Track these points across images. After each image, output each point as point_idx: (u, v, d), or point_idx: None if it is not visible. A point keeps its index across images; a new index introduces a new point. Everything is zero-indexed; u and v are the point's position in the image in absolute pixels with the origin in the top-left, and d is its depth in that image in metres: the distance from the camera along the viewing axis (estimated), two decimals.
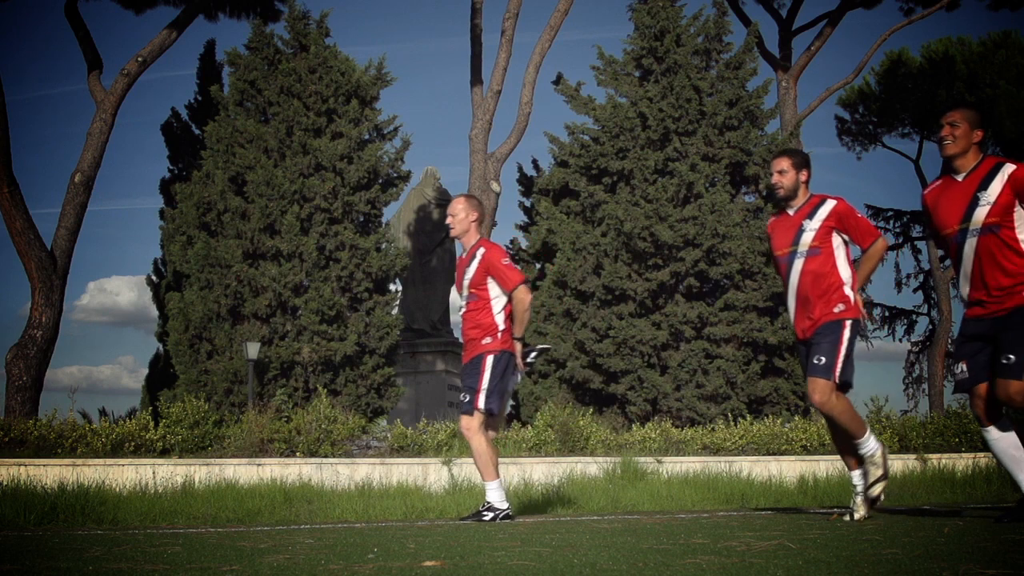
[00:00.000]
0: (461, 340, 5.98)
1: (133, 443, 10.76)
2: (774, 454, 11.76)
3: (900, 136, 28.34)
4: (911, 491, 9.11)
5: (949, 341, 26.62)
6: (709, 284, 16.98)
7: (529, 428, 11.94)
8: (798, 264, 5.15)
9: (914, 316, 30.49)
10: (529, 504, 7.60)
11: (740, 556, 2.72)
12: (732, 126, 17.57)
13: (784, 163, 5.26)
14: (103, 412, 18.93)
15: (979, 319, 4.55)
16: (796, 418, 13.41)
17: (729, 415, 14.13)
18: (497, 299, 5.83)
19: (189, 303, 16.94)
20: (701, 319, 16.50)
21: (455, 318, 47.02)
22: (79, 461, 9.98)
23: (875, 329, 30.41)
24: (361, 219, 17.80)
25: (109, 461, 10.06)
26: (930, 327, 29.28)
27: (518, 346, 5.85)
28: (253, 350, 15.85)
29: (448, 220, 6.00)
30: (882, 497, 5.10)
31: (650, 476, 9.38)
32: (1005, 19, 36.47)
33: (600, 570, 2.40)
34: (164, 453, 10.78)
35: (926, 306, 29.93)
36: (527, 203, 19.90)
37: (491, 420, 5.88)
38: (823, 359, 4.97)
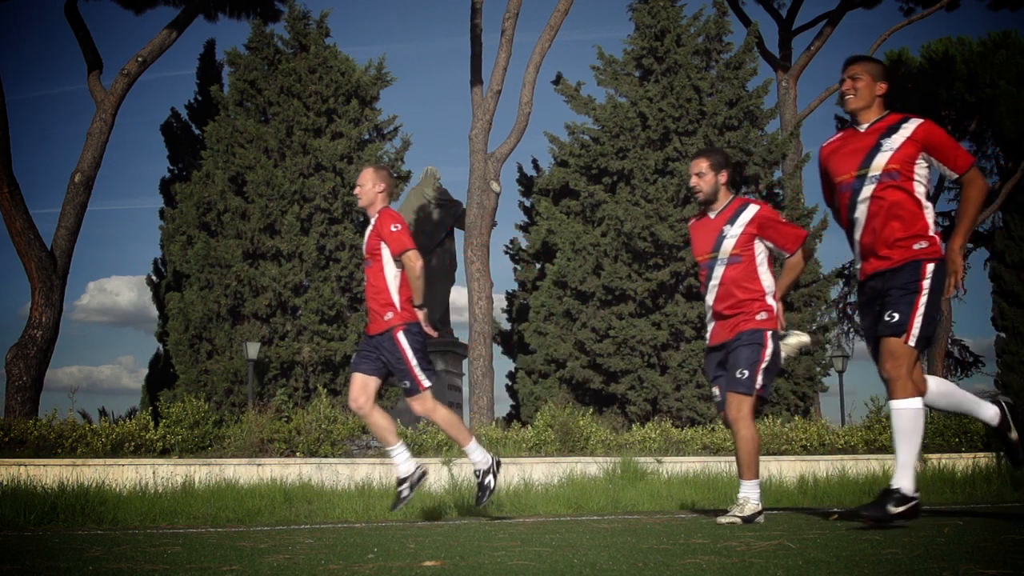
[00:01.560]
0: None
1: (133, 443, 10.75)
2: (774, 454, 11.76)
3: None
4: None
5: (949, 341, 26.64)
6: None
7: (529, 428, 11.94)
8: (718, 271, 4.97)
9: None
10: (529, 504, 7.59)
11: (740, 556, 2.72)
12: (732, 126, 17.58)
13: (702, 164, 5.06)
14: (103, 412, 18.93)
15: (872, 276, 4.27)
16: (796, 418, 13.41)
17: None
18: (390, 267, 5.66)
19: (189, 303, 16.94)
20: (701, 319, 16.48)
21: (455, 318, 46.81)
22: (79, 461, 9.98)
23: None
24: (361, 219, 17.80)
25: (109, 461, 10.05)
26: None
27: (420, 314, 5.69)
28: (253, 350, 15.85)
29: (356, 191, 5.86)
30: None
31: (650, 476, 9.38)
32: (1005, 19, 36.52)
33: (600, 570, 2.40)
34: (164, 453, 10.78)
35: None
36: (527, 203, 19.90)
37: (375, 386, 5.78)
38: (745, 372, 4.82)
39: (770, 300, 4.92)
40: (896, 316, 4.03)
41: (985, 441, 12.22)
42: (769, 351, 4.84)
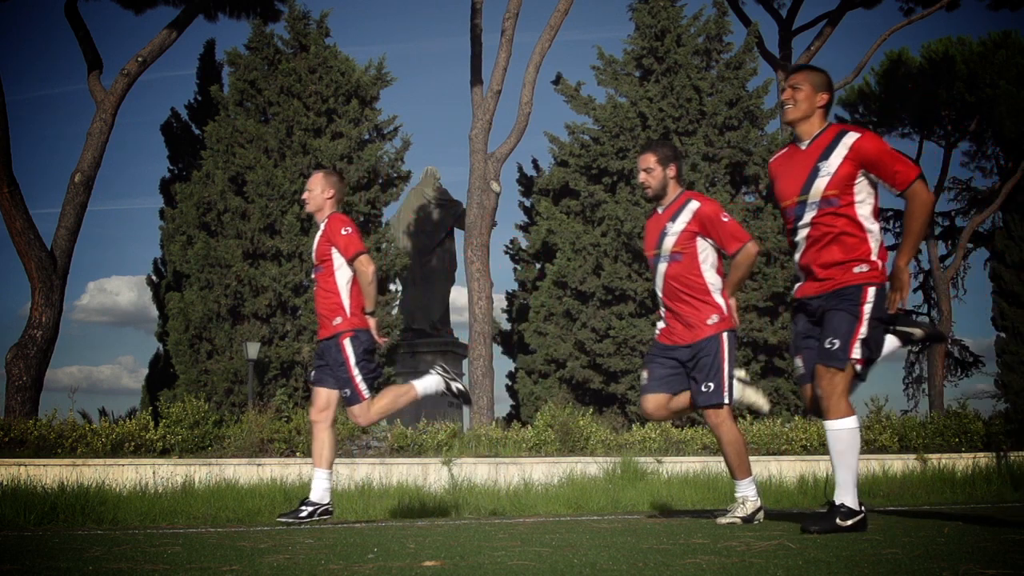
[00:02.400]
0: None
1: (133, 443, 10.75)
2: (774, 454, 11.76)
3: (900, 136, 28.34)
4: (911, 491, 9.11)
5: (949, 341, 26.62)
6: None
7: (529, 428, 11.94)
8: (661, 268, 4.87)
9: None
10: (529, 504, 7.59)
11: (740, 556, 2.72)
12: (732, 126, 17.58)
13: (650, 159, 4.90)
14: (103, 412, 18.92)
15: (810, 299, 4.09)
16: (796, 418, 13.41)
17: None
18: (341, 271, 5.53)
19: (189, 303, 16.94)
20: None
21: (455, 318, 46.95)
22: (79, 461, 9.98)
23: None
24: (361, 219, 17.79)
25: (109, 461, 10.06)
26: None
27: (371, 321, 5.57)
28: (253, 350, 15.85)
29: (304, 195, 5.75)
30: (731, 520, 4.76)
31: (650, 476, 9.38)
32: (1005, 19, 36.54)
33: (600, 570, 2.40)
34: (164, 453, 10.78)
35: (926, 306, 29.91)
36: (527, 203, 19.90)
37: (328, 398, 5.61)
38: (711, 385, 4.73)
39: (717, 298, 4.79)
40: (836, 343, 3.90)
41: (985, 441, 12.23)
42: (727, 355, 4.74)
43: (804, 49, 23.15)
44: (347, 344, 5.47)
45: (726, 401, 4.73)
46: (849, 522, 3.81)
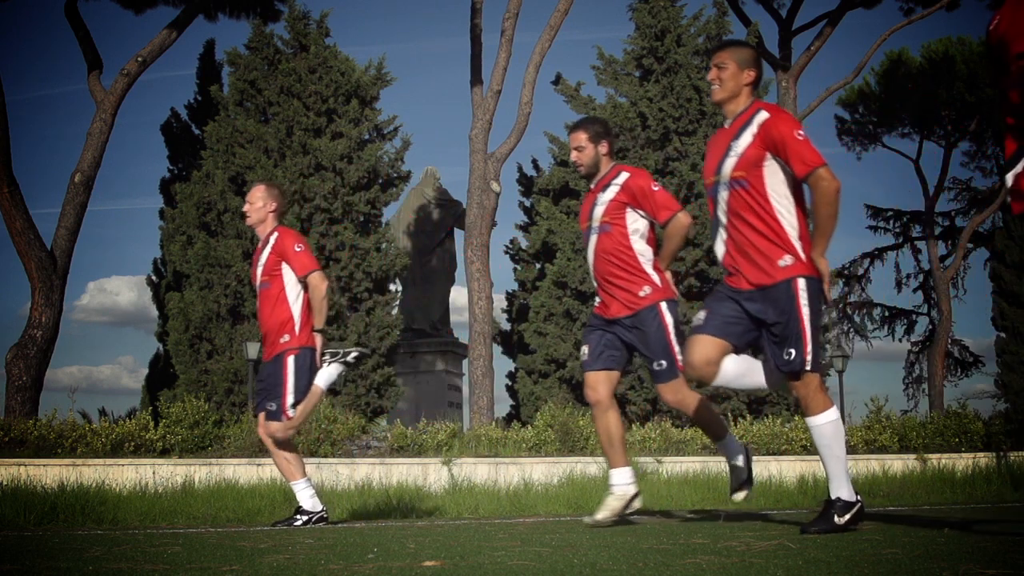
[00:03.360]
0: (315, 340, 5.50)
1: (133, 443, 10.76)
2: (774, 454, 11.76)
3: (900, 136, 28.36)
4: (911, 491, 9.12)
5: (949, 341, 26.62)
6: (709, 284, 16.97)
7: (529, 428, 11.94)
8: (592, 240, 4.74)
9: (914, 316, 30.50)
10: (529, 504, 7.60)
11: (740, 556, 2.72)
12: None
13: (581, 137, 4.80)
14: (103, 412, 18.93)
15: (736, 289, 3.88)
16: (796, 418, 13.41)
17: (729, 415, 14.13)
18: (291, 288, 5.47)
19: (189, 303, 16.94)
20: None
21: (455, 318, 46.87)
22: (79, 461, 9.98)
23: (875, 329, 30.40)
24: (361, 219, 17.80)
25: (109, 461, 10.06)
26: (930, 327, 29.28)
27: (318, 339, 5.49)
28: (253, 350, 15.84)
29: (245, 208, 5.67)
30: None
31: (650, 476, 9.38)
32: None
33: (600, 570, 2.40)
34: (164, 453, 10.78)
35: (926, 306, 29.93)
36: (527, 203, 19.90)
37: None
38: (664, 363, 4.58)
39: (649, 269, 4.65)
40: (792, 353, 3.75)
41: (985, 441, 12.23)
42: (669, 326, 4.59)
43: (804, 49, 23.15)
44: (291, 361, 5.40)
45: (679, 375, 4.58)
46: (847, 516, 3.77)
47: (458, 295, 34.16)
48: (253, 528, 5.40)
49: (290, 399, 5.39)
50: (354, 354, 5.70)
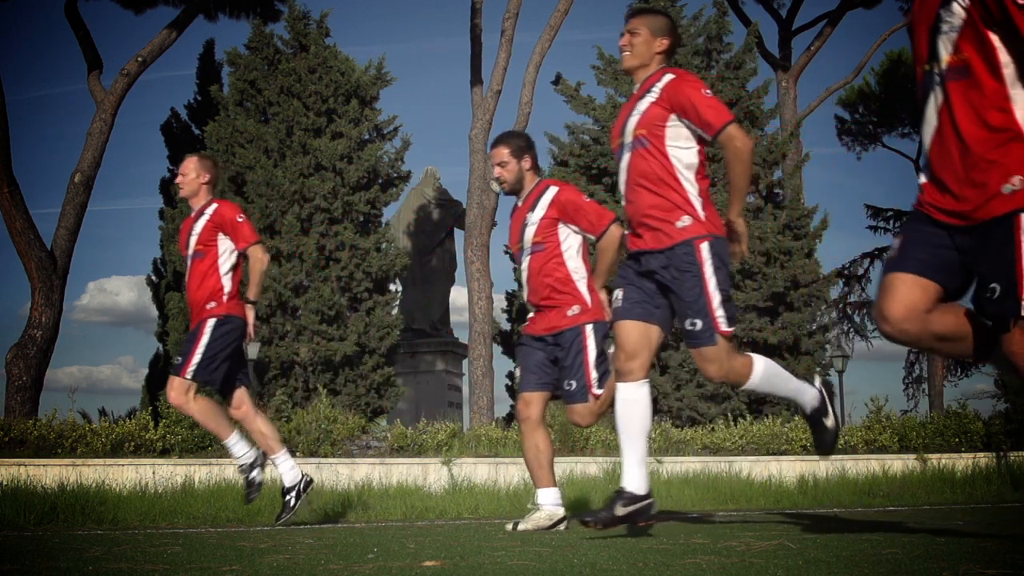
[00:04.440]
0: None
1: (133, 443, 10.75)
2: (774, 454, 11.76)
3: (900, 136, 28.36)
4: (911, 491, 9.11)
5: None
6: None
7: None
8: (525, 263, 4.62)
9: None
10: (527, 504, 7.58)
11: (740, 556, 2.72)
12: None
13: (503, 152, 4.67)
14: (103, 412, 18.93)
15: (641, 252, 3.73)
16: (796, 418, 13.41)
17: (729, 415, 14.13)
18: (225, 259, 5.43)
19: None
20: None
21: (455, 318, 46.74)
22: (79, 461, 9.98)
23: (875, 329, 30.39)
24: (361, 219, 17.80)
25: (109, 461, 10.06)
26: None
27: (250, 311, 5.44)
28: (253, 350, 15.85)
29: (177, 180, 5.62)
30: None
31: (650, 476, 9.38)
32: None
33: (600, 570, 2.40)
34: (164, 453, 10.77)
35: None
36: None
37: (235, 391, 5.46)
38: (573, 383, 4.51)
39: (581, 288, 4.55)
40: (699, 323, 3.58)
41: (985, 441, 12.23)
42: (590, 349, 4.50)
43: (804, 49, 23.17)
44: (210, 325, 5.30)
45: (588, 400, 4.53)
46: (628, 509, 3.74)
47: (458, 295, 34.16)
48: (253, 528, 5.40)
49: (196, 360, 5.24)
50: (256, 479, 5.53)
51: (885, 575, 2.20)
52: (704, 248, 3.60)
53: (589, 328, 4.52)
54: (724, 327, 3.59)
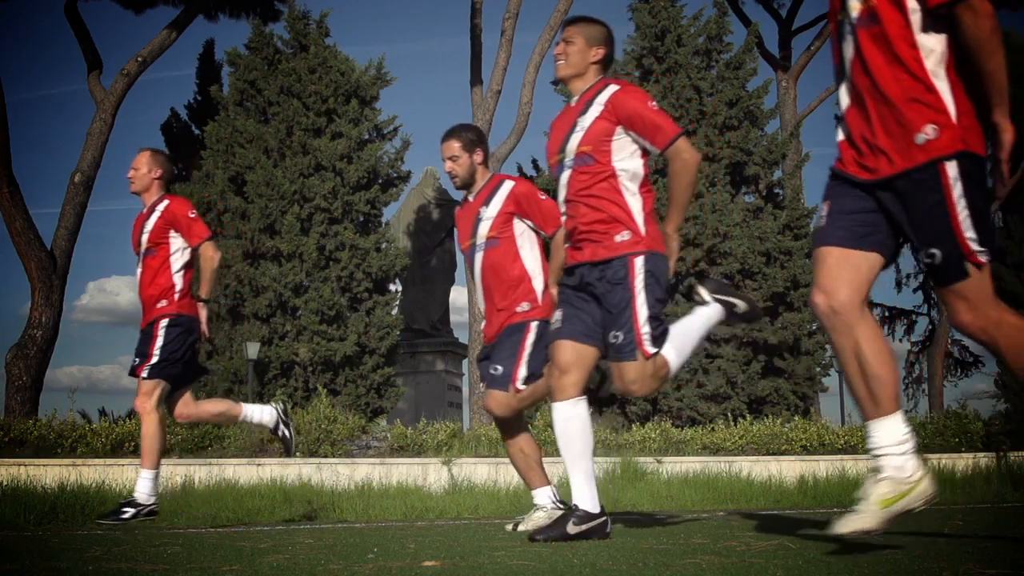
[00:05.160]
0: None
1: (133, 443, 10.76)
2: (774, 454, 11.76)
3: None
4: None
5: (949, 341, 26.60)
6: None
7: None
8: (478, 259, 4.46)
9: (914, 316, 30.50)
10: (529, 504, 7.59)
11: (740, 556, 2.72)
12: (732, 126, 17.58)
13: (454, 147, 4.52)
14: (103, 412, 18.92)
15: (579, 264, 3.66)
16: (796, 418, 13.41)
17: (729, 415, 14.13)
18: (177, 256, 5.39)
19: None
20: None
21: (455, 318, 46.66)
22: (79, 461, 9.98)
23: None
24: (361, 219, 17.80)
25: (109, 461, 10.06)
26: (930, 327, 29.28)
27: (203, 309, 5.40)
28: (253, 350, 15.86)
29: (129, 174, 5.53)
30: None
31: (650, 476, 9.38)
32: (1005, 19, 36.50)
33: (600, 570, 2.40)
34: (164, 453, 10.78)
35: (926, 306, 29.91)
36: None
37: (178, 392, 5.40)
38: (499, 368, 4.31)
39: (535, 285, 4.40)
40: (620, 336, 3.53)
41: (985, 441, 12.23)
42: (528, 344, 4.33)
43: (804, 49, 23.17)
44: (164, 325, 5.27)
45: (513, 386, 4.33)
46: (581, 528, 3.62)
47: (458, 295, 34.18)
48: (253, 528, 5.40)
49: (155, 361, 5.22)
50: (285, 434, 5.67)
51: (885, 575, 2.20)
52: (638, 262, 3.56)
53: (534, 325, 4.37)
54: (648, 347, 3.54)
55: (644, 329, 3.52)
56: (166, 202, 5.45)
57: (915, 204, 2.56)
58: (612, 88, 3.69)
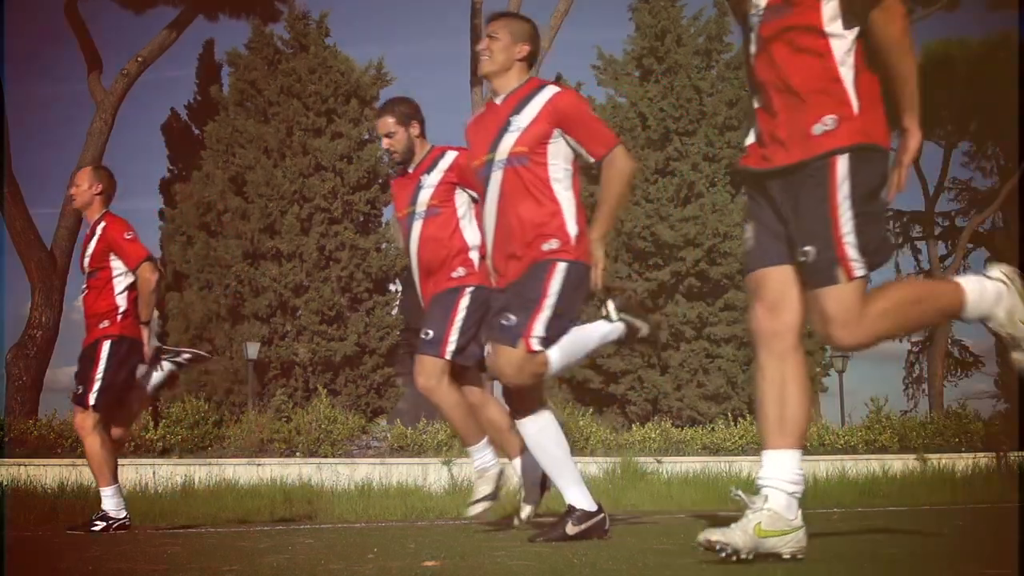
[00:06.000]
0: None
1: (133, 443, 10.75)
2: None
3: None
4: (911, 491, 9.11)
5: (949, 341, 26.61)
6: (709, 284, 16.98)
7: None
8: (416, 227, 4.34)
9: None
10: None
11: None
12: (732, 126, 17.58)
13: (388, 123, 4.38)
14: None
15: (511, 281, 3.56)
16: None
17: (729, 415, 14.14)
18: (120, 278, 5.27)
19: (189, 303, 16.94)
20: (701, 319, 16.49)
21: None
22: (79, 461, 9.95)
23: None
24: (361, 219, 17.81)
25: None
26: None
27: (145, 332, 5.26)
28: (253, 350, 15.86)
29: (71, 191, 5.46)
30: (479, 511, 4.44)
31: (650, 476, 9.38)
32: (1005, 19, 36.48)
33: (600, 570, 2.40)
34: (164, 453, 10.77)
35: None
36: None
37: (119, 416, 5.36)
38: (431, 332, 4.20)
39: (472, 256, 4.27)
40: (512, 318, 3.41)
41: (985, 441, 12.23)
42: (461, 310, 4.20)
43: None
44: (106, 345, 5.19)
45: (442, 352, 4.22)
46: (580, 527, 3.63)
47: None
48: (253, 528, 5.40)
49: (95, 391, 5.15)
50: (186, 355, 5.53)
51: (885, 575, 2.20)
52: (559, 268, 3.48)
53: (469, 290, 4.24)
54: (535, 344, 3.42)
55: (538, 327, 3.42)
56: (103, 224, 5.38)
57: (801, 196, 2.46)
58: (552, 90, 3.60)
